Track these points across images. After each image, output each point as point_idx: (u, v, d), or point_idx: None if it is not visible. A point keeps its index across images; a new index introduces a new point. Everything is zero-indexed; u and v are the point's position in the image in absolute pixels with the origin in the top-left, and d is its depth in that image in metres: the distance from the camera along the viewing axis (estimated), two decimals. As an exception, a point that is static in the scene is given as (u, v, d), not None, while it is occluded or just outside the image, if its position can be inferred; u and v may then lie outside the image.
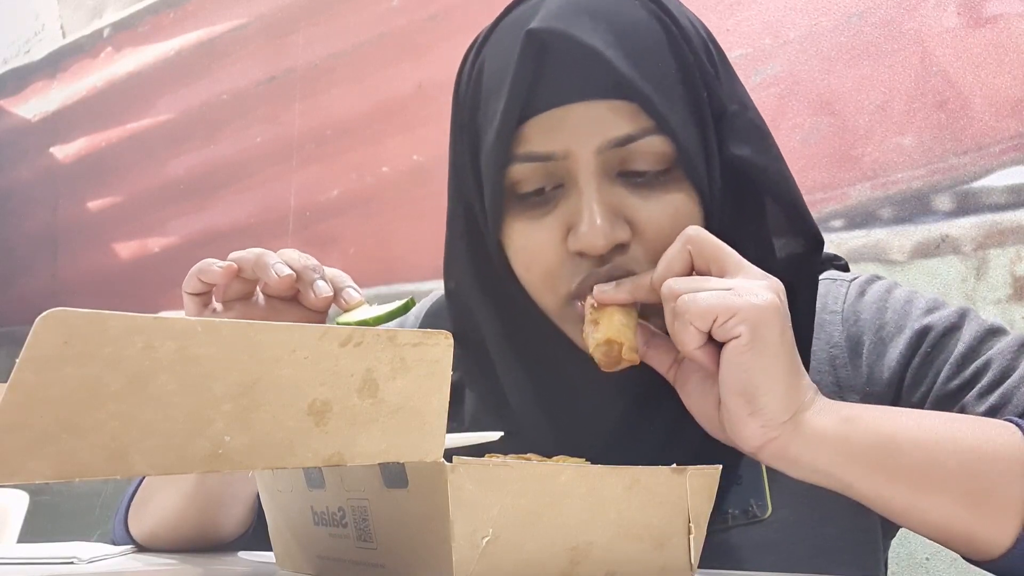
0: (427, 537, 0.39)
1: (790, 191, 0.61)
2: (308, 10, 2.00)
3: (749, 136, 0.59)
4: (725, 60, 0.62)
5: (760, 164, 0.59)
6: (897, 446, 0.48)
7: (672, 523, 0.45)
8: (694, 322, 0.48)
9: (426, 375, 0.36)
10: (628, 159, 0.56)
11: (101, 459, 0.30)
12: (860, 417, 0.49)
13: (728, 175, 0.58)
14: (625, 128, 0.55)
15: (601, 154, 0.55)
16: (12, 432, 0.28)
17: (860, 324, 0.63)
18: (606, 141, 0.55)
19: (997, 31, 1.20)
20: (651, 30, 0.57)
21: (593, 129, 0.55)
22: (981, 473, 0.48)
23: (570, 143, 0.55)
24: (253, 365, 0.32)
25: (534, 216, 0.58)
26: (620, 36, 0.55)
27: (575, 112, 0.55)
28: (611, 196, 0.56)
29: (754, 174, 0.58)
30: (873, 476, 0.48)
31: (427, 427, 0.37)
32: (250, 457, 0.32)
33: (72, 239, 2.37)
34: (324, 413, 0.34)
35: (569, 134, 0.55)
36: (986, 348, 0.59)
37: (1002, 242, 1.16)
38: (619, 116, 0.55)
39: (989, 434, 0.49)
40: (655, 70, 0.56)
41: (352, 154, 1.87)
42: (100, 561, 0.60)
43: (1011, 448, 0.48)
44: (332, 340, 0.34)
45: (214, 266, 0.58)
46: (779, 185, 0.60)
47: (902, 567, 1.14)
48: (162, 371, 0.31)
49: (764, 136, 0.61)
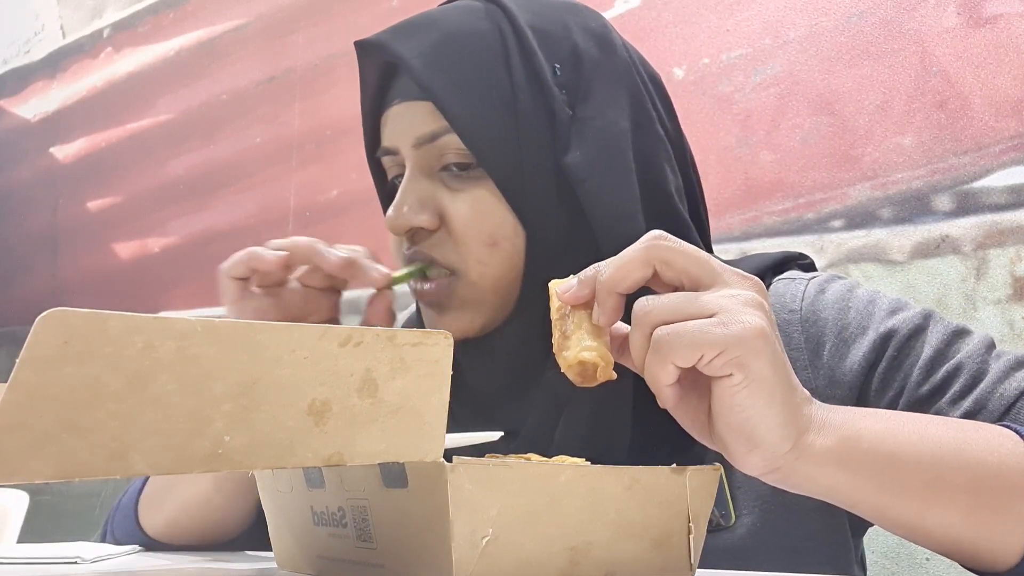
0: (427, 537, 0.39)
1: (615, 206, 0.60)
2: (308, 10, 2.00)
3: (589, 145, 0.60)
4: (604, 68, 0.63)
5: (584, 172, 0.59)
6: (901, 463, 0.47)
7: (672, 523, 0.45)
8: (675, 361, 0.43)
9: (426, 375, 0.36)
10: (441, 155, 0.62)
11: (101, 459, 0.30)
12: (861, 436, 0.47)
13: (561, 185, 0.60)
14: (430, 125, 0.61)
15: (417, 149, 0.62)
16: (12, 432, 0.28)
17: (820, 324, 0.62)
18: (416, 137, 0.62)
19: (997, 31, 1.20)
20: (477, 40, 0.62)
21: (407, 126, 0.63)
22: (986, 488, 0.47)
23: (396, 139, 0.64)
24: (253, 365, 0.32)
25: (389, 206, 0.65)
26: (436, 45, 0.61)
27: (396, 111, 0.64)
28: (423, 187, 0.62)
29: (578, 186, 0.60)
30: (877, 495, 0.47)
31: (427, 427, 0.37)
32: (250, 457, 0.32)
33: (72, 239, 2.37)
34: (324, 413, 0.34)
35: (394, 131, 0.64)
36: (954, 351, 0.59)
37: (1002, 242, 1.16)
38: (426, 114, 0.61)
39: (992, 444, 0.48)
40: (459, 74, 0.61)
41: (352, 154, 1.87)
42: (104, 561, 0.60)
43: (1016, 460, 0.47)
44: (332, 340, 0.34)
45: (266, 255, 0.62)
46: (602, 196, 0.59)
47: (902, 567, 1.14)
48: (162, 371, 0.31)
49: (608, 147, 0.61)
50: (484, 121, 0.60)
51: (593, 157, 0.60)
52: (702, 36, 1.45)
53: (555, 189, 0.60)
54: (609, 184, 0.60)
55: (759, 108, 1.37)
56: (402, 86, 0.63)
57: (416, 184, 0.62)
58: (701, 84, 1.44)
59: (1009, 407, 0.55)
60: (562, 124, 0.60)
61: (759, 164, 1.36)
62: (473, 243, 0.61)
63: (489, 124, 0.60)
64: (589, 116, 0.61)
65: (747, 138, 1.38)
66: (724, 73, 1.42)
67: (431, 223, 0.61)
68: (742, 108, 1.39)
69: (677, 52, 1.47)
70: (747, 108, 1.39)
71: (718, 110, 1.41)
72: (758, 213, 1.35)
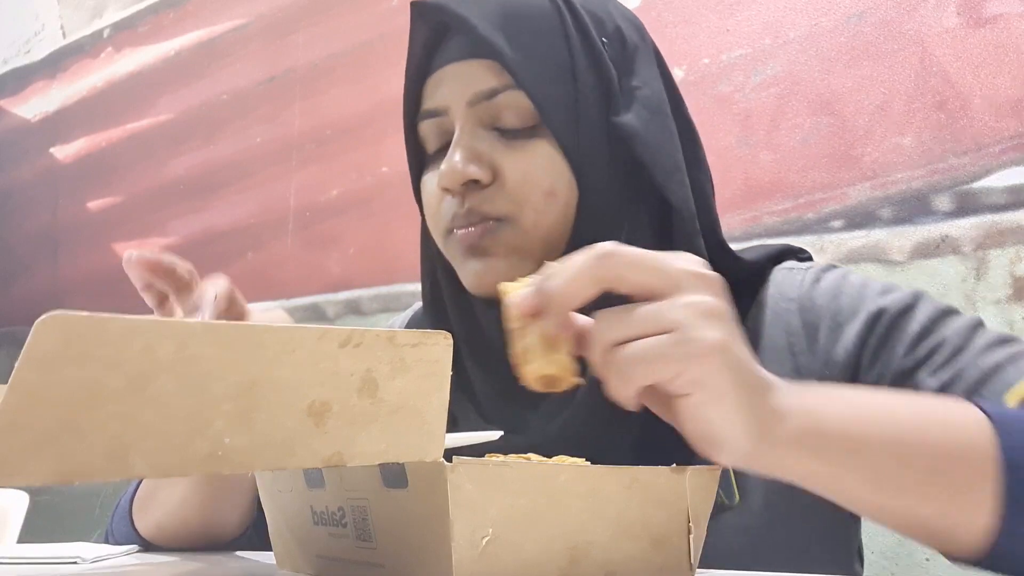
0: (427, 537, 0.39)
1: (662, 164, 0.63)
2: (308, 10, 2.00)
3: (638, 108, 0.64)
4: (646, 50, 0.68)
5: (638, 130, 0.63)
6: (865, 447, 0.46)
7: (672, 522, 0.45)
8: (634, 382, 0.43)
9: (426, 375, 0.36)
10: (497, 113, 0.63)
11: (101, 460, 0.30)
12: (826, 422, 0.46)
13: (613, 142, 0.63)
14: (490, 82, 0.63)
15: (472, 107, 0.63)
16: (12, 433, 0.28)
17: (816, 310, 0.64)
18: (474, 94, 0.63)
19: (997, 31, 1.20)
20: (536, 7, 0.65)
21: (464, 84, 0.64)
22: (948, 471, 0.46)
23: (448, 98, 0.65)
24: (252, 366, 0.32)
25: (431, 170, 0.67)
26: (496, 8, 0.64)
27: (451, 71, 0.65)
28: (478, 142, 0.63)
29: (630, 141, 0.63)
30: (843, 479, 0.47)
31: (427, 427, 0.37)
32: (250, 458, 0.32)
33: (72, 239, 2.37)
34: (324, 413, 0.34)
35: (447, 90, 0.65)
36: (940, 327, 0.60)
37: (1002, 242, 1.16)
38: (485, 72, 0.63)
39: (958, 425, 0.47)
40: (520, 36, 0.63)
41: (352, 154, 1.87)
42: (104, 561, 0.60)
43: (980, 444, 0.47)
44: (332, 341, 0.34)
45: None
46: (653, 156, 0.63)
47: (902, 567, 1.14)
48: (162, 372, 0.31)
49: (659, 112, 0.65)
50: (546, 79, 0.63)
51: (644, 118, 0.64)
52: (702, 36, 1.45)
53: (607, 147, 0.63)
54: (660, 140, 0.64)
55: (759, 108, 1.37)
56: (456, 47, 0.65)
57: (471, 139, 0.63)
58: (701, 84, 1.44)
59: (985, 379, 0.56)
60: (613, 89, 0.64)
61: (759, 164, 1.36)
62: (532, 193, 0.62)
63: (551, 83, 0.63)
64: (635, 86, 0.65)
65: (747, 138, 1.38)
66: (724, 73, 1.42)
67: (486, 176, 0.62)
68: (742, 108, 1.39)
69: (677, 52, 1.47)
70: (747, 108, 1.39)
71: (718, 110, 1.41)
72: (758, 213, 1.35)
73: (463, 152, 0.62)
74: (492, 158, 0.63)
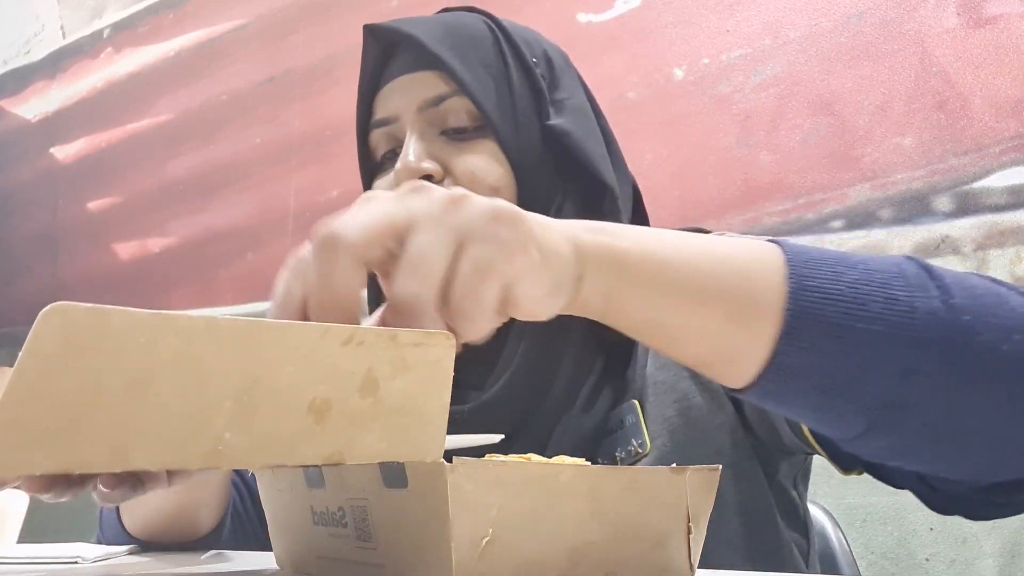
0: (427, 537, 0.39)
1: (591, 156, 0.69)
2: (308, 10, 2.00)
3: (570, 113, 0.71)
4: (569, 69, 0.75)
5: (570, 129, 0.69)
6: (669, 270, 0.45)
7: (672, 523, 0.45)
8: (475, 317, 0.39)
9: (427, 375, 0.36)
10: (444, 117, 0.69)
11: (102, 455, 0.30)
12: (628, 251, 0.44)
13: (547, 142, 0.69)
14: (437, 90, 0.69)
15: (421, 112, 0.69)
16: (13, 427, 0.28)
17: None
18: (423, 100, 0.69)
19: (997, 31, 1.20)
20: (474, 29, 0.72)
21: (413, 92, 0.70)
22: (741, 302, 0.44)
23: (398, 107, 0.71)
24: (254, 363, 0.32)
25: (383, 175, 0.72)
26: (440, 29, 0.71)
27: (400, 82, 0.71)
28: (428, 144, 0.69)
29: (565, 139, 0.69)
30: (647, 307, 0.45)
31: (427, 427, 0.37)
32: (250, 455, 0.32)
33: (72, 239, 2.37)
34: (324, 412, 0.34)
35: (397, 99, 0.71)
36: None
37: (1002, 242, 1.16)
38: (432, 81, 0.69)
39: (756, 258, 0.46)
40: (462, 50, 0.70)
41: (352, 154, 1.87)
42: (104, 561, 0.60)
43: (770, 277, 0.44)
44: (333, 339, 0.34)
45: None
46: (584, 149, 0.69)
47: (902, 568, 1.14)
48: (163, 367, 0.31)
49: (586, 116, 0.72)
50: (487, 87, 0.69)
51: (572, 120, 0.71)
52: (702, 36, 1.45)
53: (541, 147, 0.69)
54: (589, 137, 0.71)
55: (759, 108, 1.37)
56: (404, 61, 0.71)
57: (421, 142, 0.69)
58: (701, 84, 1.44)
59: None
60: (544, 99, 0.71)
61: (759, 165, 1.36)
62: (479, 188, 0.66)
63: (491, 90, 0.69)
64: (563, 97, 0.72)
65: (747, 138, 1.38)
66: (724, 73, 1.42)
67: (438, 172, 0.68)
68: (742, 108, 1.39)
69: (677, 52, 1.47)
70: (747, 108, 1.39)
71: (718, 110, 1.41)
72: (758, 214, 1.35)
73: (416, 150, 0.68)
74: (442, 156, 0.68)
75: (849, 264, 0.45)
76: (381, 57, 0.73)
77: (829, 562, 0.90)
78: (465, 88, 0.68)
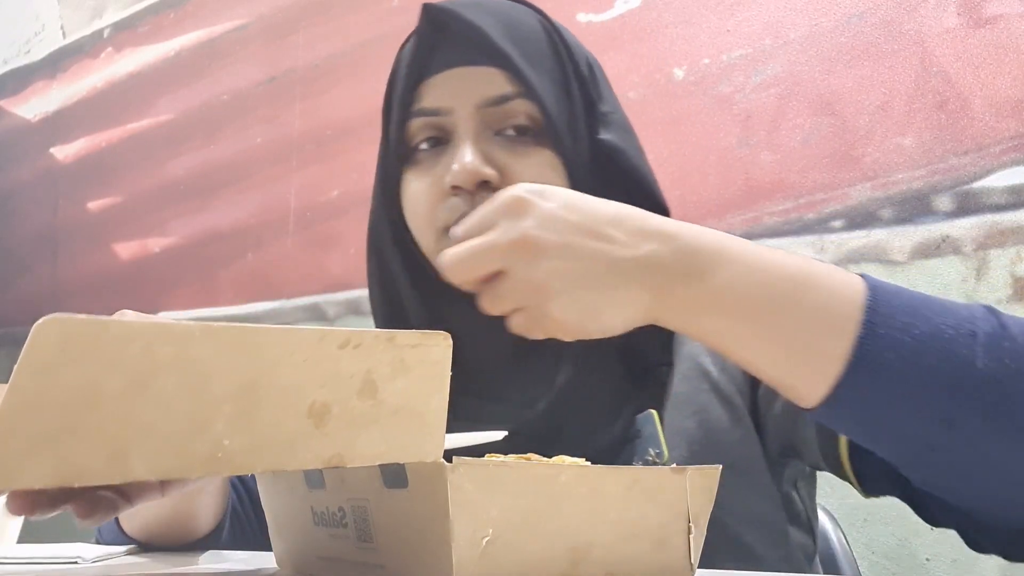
0: (427, 537, 0.39)
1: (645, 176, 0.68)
2: (308, 10, 2.00)
3: (617, 128, 0.69)
4: (605, 80, 0.72)
5: (623, 147, 0.68)
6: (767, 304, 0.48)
7: (672, 523, 0.45)
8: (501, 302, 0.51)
9: (426, 376, 0.36)
10: (503, 119, 0.66)
11: (101, 463, 0.30)
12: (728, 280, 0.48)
13: (598, 157, 0.67)
14: (501, 89, 0.65)
15: (480, 111, 0.66)
16: (10, 437, 0.28)
17: None
18: (483, 99, 0.65)
19: (997, 31, 1.20)
20: (533, 28, 0.69)
21: (473, 89, 0.66)
22: (815, 333, 0.47)
23: (454, 100, 0.66)
24: (252, 368, 0.32)
25: (423, 168, 0.68)
26: (503, 21, 0.67)
27: (458, 74, 0.66)
28: (485, 146, 0.65)
29: (617, 156, 0.67)
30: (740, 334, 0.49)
31: (427, 427, 0.37)
32: (250, 459, 0.32)
33: (72, 239, 2.37)
34: (324, 415, 0.34)
35: (453, 93, 0.66)
36: None
37: (1002, 242, 1.16)
38: (495, 79, 0.66)
39: (836, 285, 0.48)
40: (527, 50, 0.67)
41: (352, 154, 1.87)
42: (103, 561, 0.60)
43: (849, 301, 0.47)
44: (331, 342, 0.34)
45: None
46: (638, 168, 0.68)
47: (903, 567, 1.14)
48: (161, 374, 0.31)
49: (631, 133, 0.70)
50: (551, 93, 0.66)
51: (621, 136, 0.69)
52: (702, 36, 1.45)
53: (591, 160, 0.67)
54: (639, 156, 0.70)
55: (759, 108, 1.37)
56: (464, 52, 0.67)
57: (479, 143, 0.65)
58: (701, 84, 1.44)
59: None
60: (595, 110, 0.69)
61: (760, 164, 1.36)
62: None
63: (555, 97, 0.66)
64: (608, 111, 0.69)
65: (748, 138, 1.38)
66: (724, 73, 1.42)
67: (496, 178, 0.64)
68: (742, 108, 1.39)
69: (677, 52, 1.47)
70: (748, 108, 1.39)
71: (718, 110, 1.41)
72: (759, 213, 1.35)
73: (476, 152, 0.64)
74: (499, 161, 0.65)
75: (924, 315, 0.47)
76: (433, 40, 0.68)
77: (830, 562, 0.90)
78: (532, 92, 0.65)
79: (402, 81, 0.69)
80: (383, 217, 0.73)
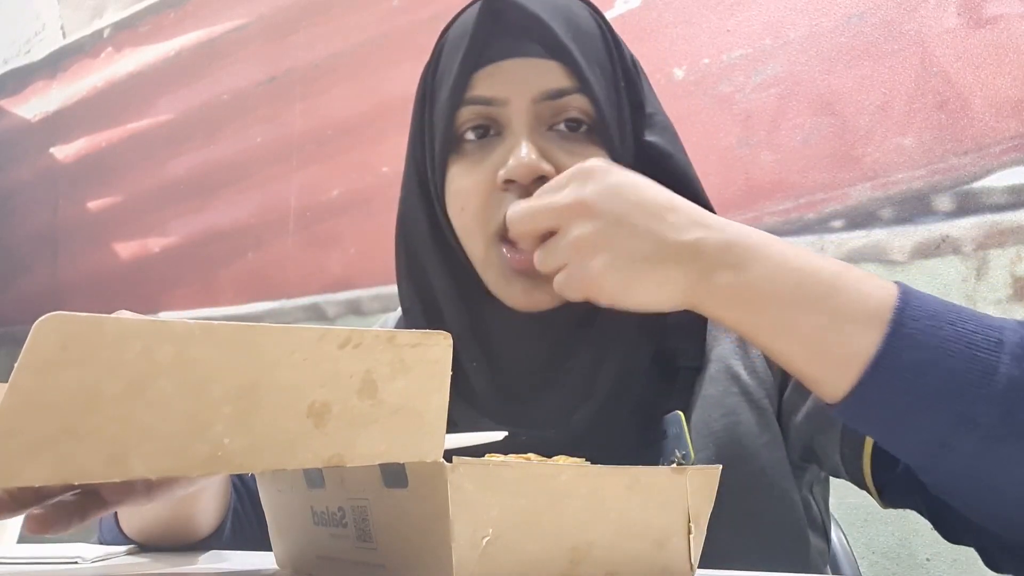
0: (427, 537, 0.39)
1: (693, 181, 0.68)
2: (308, 10, 2.00)
3: (662, 130, 0.69)
4: (647, 81, 0.72)
5: (669, 151, 0.68)
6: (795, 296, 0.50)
7: (672, 523, 0.45)
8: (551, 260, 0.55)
9: (426, 376, 0.36)
10: (556, 113, 0.65)
11: (100, 462, 0.30)
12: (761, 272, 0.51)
13: (641, 158, 0.67)
14: (559, 83, 0.64)
15: (536, 104, 0.64)
16: (11, 436, 0.28)
17: None
18: (541, 92, 0.64)
19: (997, 32, 1.20)
20: (589, 23, 0.68)
21: (530, 80, 0.64)
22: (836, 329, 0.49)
23: (510, 91, 0.65)
24: (252, 367, 0.32)
25: (473, 161, 0.66)
26: (563, 14, 0.67)
27: (516, 65, 0.65)
28: (540, 140, 0.64)
29: (663, 160, 0.67)
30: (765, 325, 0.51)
31: (427, 427, 0.37)
32: (250, 459, 0.32)
33: (72, 239, 2.37)
34: (324, 415, 0.34)
35: (510, 83, 0.65)
36: None
37: (1002, 242, 1.16)
38: (553, 73, 0.65)
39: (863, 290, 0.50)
40: (584, 45, 0.66)
41: (352, 154, 1.87)
42: (103, 561, 0.60)
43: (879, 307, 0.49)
44: (331, 342, 0.34)
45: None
46: (685, 173, 0.68)
47: (903, 567, 1.14)
48: (161, 374, 0.31)
49: (674, 136, 0.70)
50: (605, 91, 0.66)
51: (666, 139, 0.68)
52: (703, 36, 1.45)
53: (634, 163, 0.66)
54: (685, 160, 0.69)
55: (760, 108, 1.37)
56: (524, 44, 0.65)
57: (534, 137, 0.64)
58: (702, 84, 1.44)
59: None
60: (640, 111, 0.68)
61: (760, 164, 1.36)
62: None
63: (607, 95, 0.66)
64: (652, 112, 0.69)
65: (748, 138, 1.38)
66: (725, 73, 1.42)
67: (553, 174, 0.63)
68: (743, 108, 1.39)
69: (677, 52, 1.47)
70: (748, 108, 1.39)
71: (719, 110, 1.41)
72: (759, 213, 1.35)
73: (533, 147, 0.63)
74: (554, 156, 0.64)
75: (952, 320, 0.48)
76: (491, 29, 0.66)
77: (830, 562, 0.90)
78: (588, 88, 0.64)
79: (454, 67, 0.66)
80: (418, 209, 0.70)
